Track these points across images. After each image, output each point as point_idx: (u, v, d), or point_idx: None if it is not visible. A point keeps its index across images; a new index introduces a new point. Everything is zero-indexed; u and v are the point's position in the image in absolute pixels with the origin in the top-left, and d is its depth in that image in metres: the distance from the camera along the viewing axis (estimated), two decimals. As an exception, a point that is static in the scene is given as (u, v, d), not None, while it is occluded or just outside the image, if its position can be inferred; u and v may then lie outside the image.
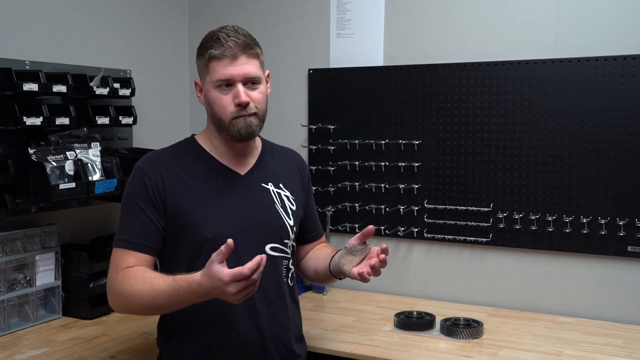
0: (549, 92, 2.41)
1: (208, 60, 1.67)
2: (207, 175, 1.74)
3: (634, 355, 2.02)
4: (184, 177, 1.71)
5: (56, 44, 2.47)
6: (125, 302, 1.62)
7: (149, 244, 1.67)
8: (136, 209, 1.67)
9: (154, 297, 1.55)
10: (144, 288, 1.57)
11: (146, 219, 1.67)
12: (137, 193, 1.69)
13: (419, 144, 2.64)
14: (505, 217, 2.50)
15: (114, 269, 1.66)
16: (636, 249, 2.31)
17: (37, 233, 2.32)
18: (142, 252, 1.66)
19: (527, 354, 2.03)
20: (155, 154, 1.78)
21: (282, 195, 1.81)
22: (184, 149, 1.78)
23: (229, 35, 1.67)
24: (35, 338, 2.15)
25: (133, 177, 1.72)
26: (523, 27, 2.46)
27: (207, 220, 1.68)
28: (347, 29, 2.79)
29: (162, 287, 1.55)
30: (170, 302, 1.56)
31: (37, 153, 2.15)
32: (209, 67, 1.68)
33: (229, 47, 1.65)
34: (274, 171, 1.83)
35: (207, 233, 1.67)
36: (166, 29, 3.02)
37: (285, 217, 1.79)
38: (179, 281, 1.53)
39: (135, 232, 1.66)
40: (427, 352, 2.04)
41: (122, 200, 1.73)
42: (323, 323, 2.33)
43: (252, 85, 1.69)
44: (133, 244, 1.66)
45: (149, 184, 1.68)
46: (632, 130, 2.29)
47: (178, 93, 3.12)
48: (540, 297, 2.49)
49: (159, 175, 1.69)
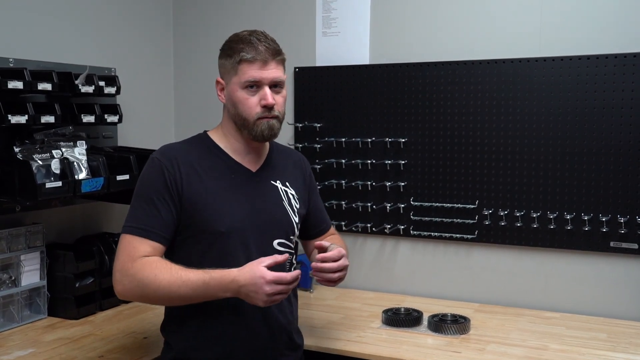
0: (533, 90, 2.44)
1: (238, 62, 1.74)
2: (222, 171, 1.79)
3: (617, 349, 2.06)
4: (199, 171, 1.75)
5: (40, 42, 2.44)
6: (145, 289, 1.63)
7: (164, 234, 1.70)
8: (153, 198, 1.70)
9: (180, 286, 1.60)
10: (170, 278, 1.61)
11: (163, 209, 1.70)
12: (154, 183, 1.72)
13: (405, 141, 2.66)
14: (491, 214, 2.53)
15: (128, 256, 1.66)
16: (618, 244, 2.36)
17: (22, 232, 2.29)
18: (157, 241, 1.69)
19: (514, 349, 2.06)
20: (170, 146, 1.82)
21: (288, 193, 1.88)
22: (198, 144, 1.83)
23: (260, 40, 1.74)
24: (21, 339, 2.12)
25: (150, 167, 1.75)
26: (508, 26, 2.49)
27: (221, 215, 1.73)
28: (333, 28, 2.79)
29: (190, 278, 1.60)
30: (196, 293, 1.61)
31: (23, 151, 2.12)
32: (237, 69, 1.74)
33: (261, 52, 1.73)
34: (281, 169, 1.90)
35: (220, 227, 1.72)
36: (151, 26, 3.01)
37: (292, 214, 1.87)
38: (211, 273, 1.60)
39: (151, 221, 1.69)
40: (415, 348, 2.06)
41: (136, 189, 1.76)
42: (311, 320, 2.34)
43: (277, 89, 1.77)
44: (150, 233, 1.68)
45: (167, 175, 1.71)
46: (615, 128, 2.33)
47: (163, 91, 3.10)
48: (525, 292, 2.52)
49: (177, 167, 1.73)
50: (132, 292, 1.67)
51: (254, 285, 1.58)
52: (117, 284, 1.68)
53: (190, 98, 3.11)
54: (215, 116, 1.92)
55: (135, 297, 1.70)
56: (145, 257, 1.66)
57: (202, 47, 3.06)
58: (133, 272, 1.64)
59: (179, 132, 3.11)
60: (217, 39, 3.00)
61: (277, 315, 1.80)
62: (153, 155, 1.77)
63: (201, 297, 1.64)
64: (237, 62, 1.74)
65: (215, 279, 1.60)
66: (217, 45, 3.27)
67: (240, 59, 1.73)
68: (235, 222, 1.74)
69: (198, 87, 3.08)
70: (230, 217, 1.74)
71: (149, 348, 2.06)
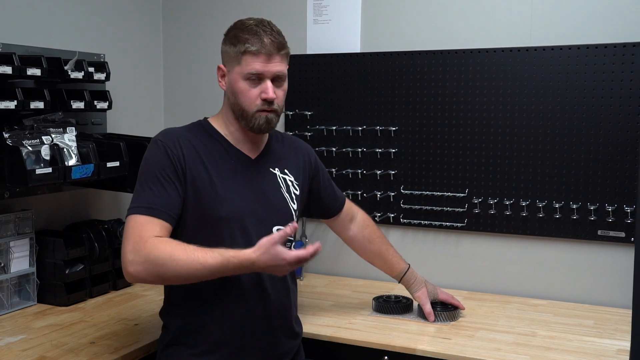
0: (523, 79, 2.46)
1: (242, 53, 1.73)
2: (222, 157, 1.79)
3: (604, 335, 2.09)
4: (201, 155, 1.76)
5: (28, 27, 2.42)
6: (161, 268, 1.60)
7: (172, 213, 1.69)
8: (160, 178, 1.69)
9: (199, 269, 1.60)
10: (187, 259, 1.60)
11: (170, 188, 1.69)
12: (160, 163, 1.71)
13: (396, 130, 2.66)
14: (480, 202, 2.55)
15: (139, 237, 1.63)
16: (606, 232, 2.38)
17: (11, 219, 2.28)
18: (166, 220, 1.68)
19: (502, 335, 2.08)
20: (172, 130, 1.81)
21: (287, 180, 1.90)
22: (198, 130, 1.83)
23: (266, 32, 1.74)
24: (11, 325, 2.11)
25: (153, 149, 1.74)
26: (499, 15, 2.50)
27: (222, 200, 1.74)
28: (324, 15, 2.79)
29: (208, 260, 1.60)
30: (214, 275, 1.62)
31: (12, 137, 2.10)
32: (241, 59, 1.74)
33: (266, 45, 1.73)
34: (279, 157, 1.91)
35: (221, 212, 1.73)
36: (140, 12, 2.98)
37: (290, 201, 1.88)
38: (229, 257, 1.60)
39: (160, 201, 1.68)
40: (406, 335, 2.07)
41: (140, 171, 1.74)
42: (301, 308, 2.33)
43: (278, 83, 1.78)
44: (158, 212, 1.67)
45: (172, 156, 1.71)
46: (604, 117, 2.35)
47: (152, 78, 3.08)
48: (514, 280, 2.55)
49: (179, 149, 1.73)
50: (147, 273, 1.63)
51: (274, 267, 1.61)
52: (129, 265, 1.63)
53: (180, 85, 3.10)
54: (205, 103, 1.93)
55: (150, 277, 1.65)
56: (156, 237, 1.64)
57: (191, 33, 3.04)
58: (146, 252, 1.61)
59: (169, 119, 3.10)
60: (207, 25, 3.02)
61: (276, 302, 1.82)
62: (156, 138, 1.77)
63: (217, 276, 1.65)
64: (241, 53, 1.74)
65: (233, 263, 1.60)
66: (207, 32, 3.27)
67: (245, 50, 1.73)
68: (235, 208, 1.75)
69: (188, 74, 3.07)
70: (231, 203, 1.75)
71: (140, 334, 2.06)
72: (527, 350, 1.96)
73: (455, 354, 1.93)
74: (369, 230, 2.25)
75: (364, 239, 2.24)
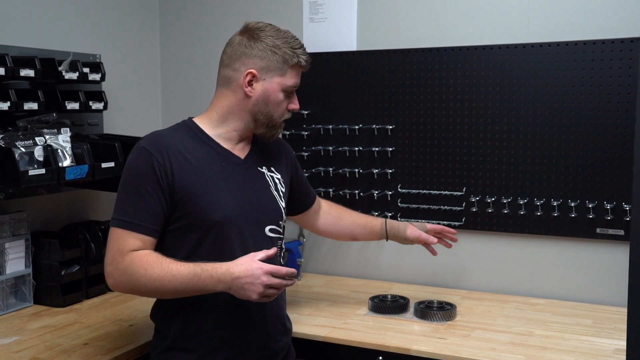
0: (520, 76, 2.44)
1: (291, 65, 1.75)
2: (212, 158, 1.76)
3: (602, 334, 2.07)
4: (190, 160, 1.72)
5: (22, 27, 2.42)
6: (136, 283, 1.63)
7: (154, 227, 1.68)
8: (142, 191, 1.67)
9: (171, 280, 1.60)
10: (160, 272, 1.60)
11: (152, 202, 1.67)
12: (144, 175, 1.67)
13: (393, 128, 2.65)
14: (478, 201, 2.53)
15: (118, 250, 1.65)
16: (605, 230, 2.36)
17: (6, 220, 2.28)
18: (147, 234, 1.67)
19: (499, 335, 2.06)
20: (158, 134, 1.76)
21: (274, 178, 1.89)
22: (185, 131, 1.79)
23: (303, 47, 1.79)
24: (6, 327, 2.11)
25: (138, 157, 1.70)
26: (495, 12, 2.48)
27: (215, 204, 1.71)
28: (320, 14, 2.77)
29: (181, 271, 1.60)
30: (186, 286, 1.61)
31: (5, 138, 2.10)
32: (286, 70, 1.76)
33: (309, 61, 1.80)
34: (266, 156, 1.90)
35: (215, 216, 1.71)
36: (136, 12, 2.97)
37: (279, 200, 1.88)
38: (203, 266, 1.60)
39: (141, 215, 1.66)
40: (401, 335, 2.06)
41: (123, 180, 1.71)
42: (298, 308, 2.34)
43: None
44: (140, 227, 1.66)
45: (157, 167, 1.67)
46: (602, 114, 2.33)
47: (149, 78, 3.07)
48: (512, 279, 2.53)
49: (167, 158, 1.69)
50: (123, 286, 1.67)
51: (250, 277, 1.58)
52: (108, 277, 1.68)
53: (177, 85, 3.09)
54: (204, 103, 1.89)
55: (127, 290, 1.70)
56: (135, 251, 1.65)
57: (189, 32, 3.04)
58: (123, 267, 1.64)
59: (166, 119, 3.09)
60: (205, 24, 3.01)
61: (273, 301, 1.78)
62: (141, 145, 1.71)
63: (192, 291, 1.63)
64: (289, 64, 1.75)
65: (207, 270, 1.60)
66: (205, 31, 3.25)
67: (296, 63, 1.75)
68: (229, 211, 1.73)
69: (185, 74, 3.06)
70: (225, 206, 1.72)
71: (134, 335, 2.06)
72: (523, 350, 1.94)
73: (449, 354, 1.91)
74: (335, 210, 2.26)
75: (334, 218, 2.24)
